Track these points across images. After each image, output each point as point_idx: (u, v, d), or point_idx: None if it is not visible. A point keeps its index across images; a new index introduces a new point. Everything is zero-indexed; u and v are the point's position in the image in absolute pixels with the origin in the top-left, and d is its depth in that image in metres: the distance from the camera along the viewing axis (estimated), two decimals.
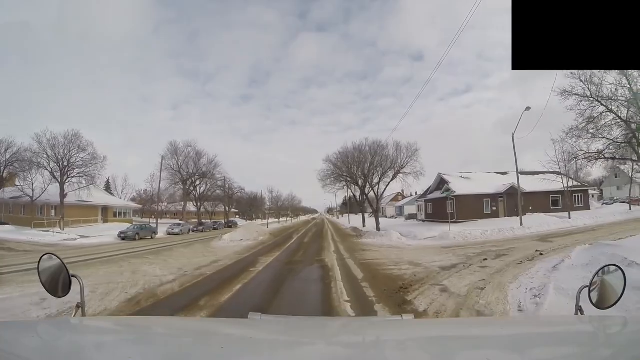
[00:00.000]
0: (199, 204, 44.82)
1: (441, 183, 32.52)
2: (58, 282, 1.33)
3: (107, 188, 57.32)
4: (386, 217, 57.70)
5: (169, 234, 28.50)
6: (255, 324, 1.37)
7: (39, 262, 1.34)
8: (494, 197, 27.39)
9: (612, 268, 1.28)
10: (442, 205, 29.22)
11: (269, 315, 1.53)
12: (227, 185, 53.63)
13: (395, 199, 63.52)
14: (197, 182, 47.47)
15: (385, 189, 26.07)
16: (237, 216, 62.45)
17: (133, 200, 54.01)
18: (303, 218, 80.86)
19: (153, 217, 48.80)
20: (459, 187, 27.11)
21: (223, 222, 46.05)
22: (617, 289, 1.26)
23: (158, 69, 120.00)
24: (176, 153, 38.93)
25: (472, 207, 26.92)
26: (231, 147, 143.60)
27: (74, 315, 1.32)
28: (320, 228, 37.54)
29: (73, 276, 1.33)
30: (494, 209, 27.86)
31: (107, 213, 37.58)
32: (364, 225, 31.85)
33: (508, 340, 1.21)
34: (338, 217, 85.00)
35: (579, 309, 1.29)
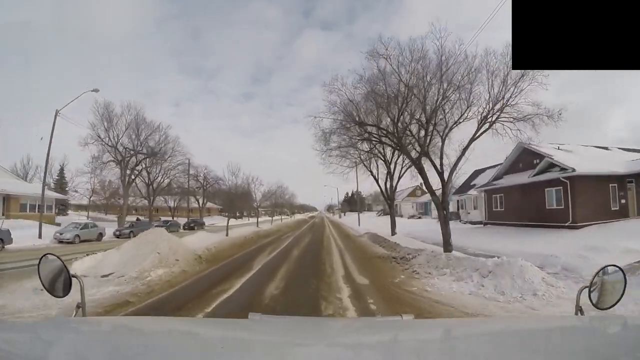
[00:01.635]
0: (151, 196, 29.64)
1: (522, 158, 20.42)
2: (58, 282, 1.35)
3: (61, 181, 45.74)
4: (402, 216, 48.17)
5: (59, 241, 19.03)
6: (255, 324, 1.40)
7: (39, 262, 1.37)
8: (621, 182, 17.22)
9: (613, 269, 1.29)
10: (530, 197, 18.81)
11: (269, 315, 1.54)
12: (202, 176, 43.97)
13: (412, 193, 49.43)
14: (146, 164, 35.11)
15: (465, 152, 12.13)
16: (226, 214, 46.11)
17: (95, 194, 42.74)
18: (299, 217, 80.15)
19: (104, 212, 44.05)
20: (569, 163, 16.88)
21: (186, 220, 30.40)
22: (617, 289, 1.26)
23: (160, 66, 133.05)
24: (110, 119, 22.77)
25: (596, 200, 16.49)
26: (232, 144, 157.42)
27: (74, 315, 1.34)
28: (318, 235, 26.66)
29: (73, 276, 1.35)
30: (623, 201, 17.23)
31: (9, 205, 26.54)
32: (394, 232, 20.74)
33: (508, 340, 1.19)
34: (340, 216, 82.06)
35: (579, 309, 1.30)
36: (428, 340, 1.18)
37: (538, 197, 17.87)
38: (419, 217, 43.52)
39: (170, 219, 39.47)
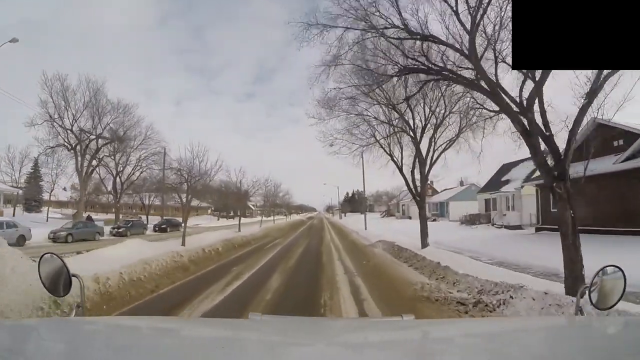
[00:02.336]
0: (118, 190, 23.16)
1: (595, 139, 11.33)
2: (58, 282, 1.37)
3: (36, 174, 38.40)
4: (410, 218, 45.04)
5: None
6: (255, 324, 1.42)
7: (39, 261, 1.41)
8: None
9: (612, 269, 1.30)
10: (614, 191, 13.89)
11: (269, 315, 1.58)
12: (185, 169, 31.59)
13: None
14: (113, 151, 28.60)
15: (593, 97, 5.82)
16: (220, 213, 50.14)
17: (75, 189, 38.36)
18: (296, 217, 73.44)
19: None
20: None
21: (160, 220, 24.54)
22: (617, 289, 1.26)
23: (161, 64, 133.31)
24: (64, 96, 16.32)
25: None
26: (234, 144, 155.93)
27: (74, 315, 1.36)
28: (316, 243, 20.31)
29: (74, 275, 1.36)
30: None
31: None
32: (425, 244, 14.17)
33: (508, 340, 1.19)
34: (341, 217, 77.26)
35: (579, 309, 1.32)
36: (429, 341, 1.22)
37: (629, 190, 13.96)
38: (434, 220, 38.01)
39: (154, 218, 34.09)
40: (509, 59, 7.52)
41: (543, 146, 6.67)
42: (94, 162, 29.14)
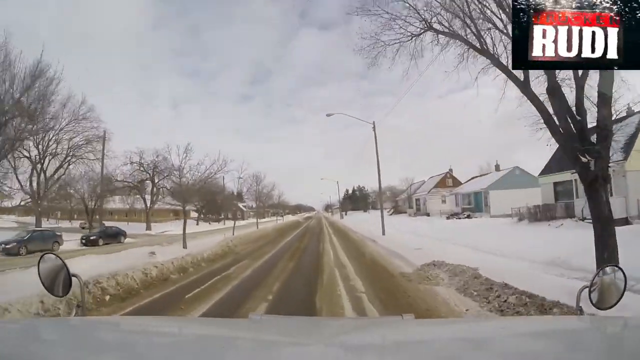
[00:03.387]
0: (40, 189, 12.28)
1: None
2: (58, 282, 1.43)
3: None
4: (428, 215, 39.98)
5: None
6: (255, 324, 1.49)
7: (39, 261, 1.48)
8: None
9: (612, 269, 1.39)
10: None
11: (269, 315, 1.75)
12: (150, 163, 32.29)
13: (442, 183, 36.29)
14: (29, 132, 20.51)
15: None
16: (202, 216, 41.01)
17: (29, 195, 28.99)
18: (292, 218, 71.48)
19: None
20: None
21: (100, 226, 13.89)
22: (617, 289, 1.34)
23: (157, 66, 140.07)
24: None
25: None
26: (233, 145, 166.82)
27: (74, 315, 1.45)
28: (305, 277, 10.35)
29: (73, 275, 1.43)
30: None
31: None
32: None
33: (508, 340, 1.24)
34: (342, 216, 75.72)
35: (579, 309, 1.39)
36: (428, 340, 1.26)
37: None
38: (467, 216, 30.02)
39: (120, 224, 28.06)
40: None
41: None
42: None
